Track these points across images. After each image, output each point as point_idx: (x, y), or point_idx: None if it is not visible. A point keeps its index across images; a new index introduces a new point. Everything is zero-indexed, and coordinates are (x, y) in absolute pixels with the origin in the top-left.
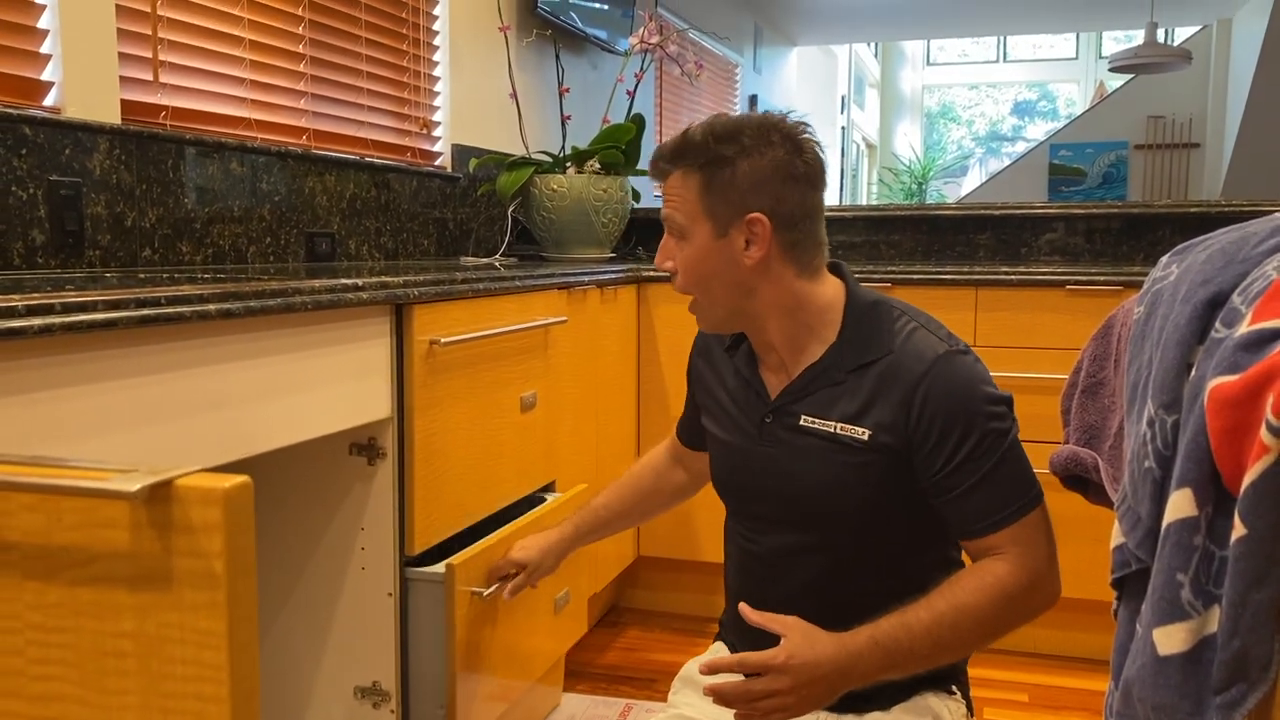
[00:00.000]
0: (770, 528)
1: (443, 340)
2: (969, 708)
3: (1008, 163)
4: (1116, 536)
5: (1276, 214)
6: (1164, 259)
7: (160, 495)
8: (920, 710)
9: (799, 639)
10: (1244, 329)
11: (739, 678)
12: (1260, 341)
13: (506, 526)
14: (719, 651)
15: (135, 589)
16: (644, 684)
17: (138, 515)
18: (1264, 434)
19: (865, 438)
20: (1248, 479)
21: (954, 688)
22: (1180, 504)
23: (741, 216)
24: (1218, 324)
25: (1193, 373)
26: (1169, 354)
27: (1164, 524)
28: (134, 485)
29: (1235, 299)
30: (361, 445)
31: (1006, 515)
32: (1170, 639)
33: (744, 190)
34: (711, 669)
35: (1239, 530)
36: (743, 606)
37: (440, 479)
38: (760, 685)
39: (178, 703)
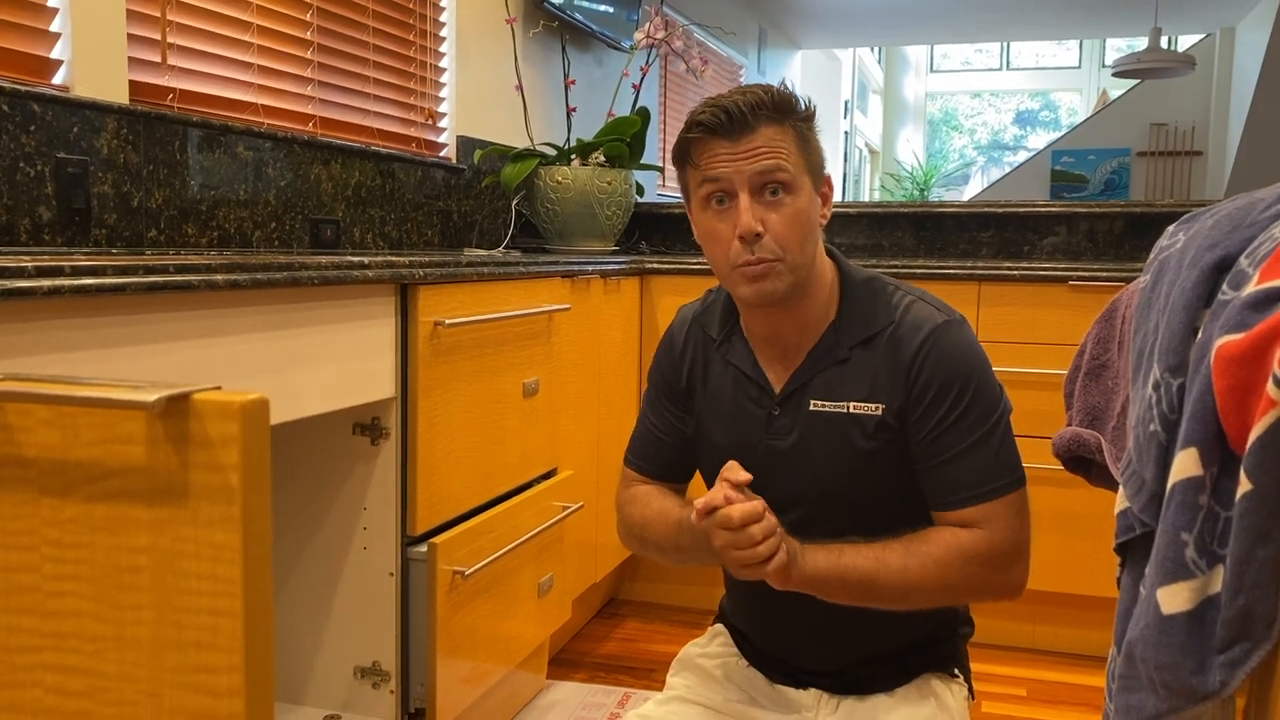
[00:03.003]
0: (782, 520)
1: (447, 322)
2: (970, 691)
3: (1009, 170)
4: (1120, 502)
5: None
6: (1171, 228)
7: (177, 409)
8: (923, 692)
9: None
10: (1251, 289)
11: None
12: (1267, 300)
13: (500, 505)
14: (720, 635)
15: (151, 504)
16: (643, 674)
17: (154, 429)
18: (1270, 388)
19: (879, 413)
20: (1254, 434)
21: (956, 670)
22: (1185, 463)
23: (822, 173)
24: (1225, 287)
25: (1199, 335)
26: (1175, 317)
27: (1169, 484)
28: (152, 396)
29: (1242, 262)
30: (365, 425)
31: (985, 491)
32: (1174, 598)
33: (821, 150)
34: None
35: (1244, 486)
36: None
37: (443, 461)
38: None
39: (192, 617)
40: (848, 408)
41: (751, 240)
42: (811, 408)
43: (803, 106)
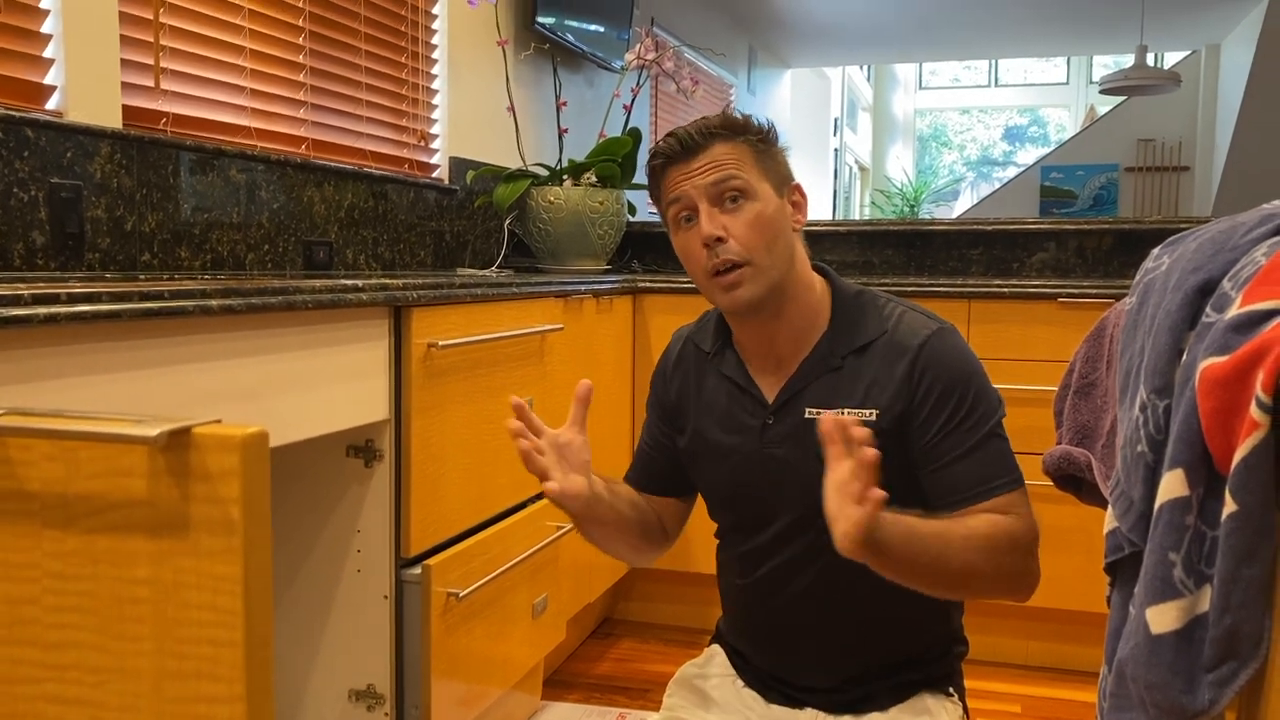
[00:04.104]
0: (781, 532)
1: (441, 343)
2: (965, 710)
3: (999, 186)
4: (1109, 521)
5: (1265, 205)
6: (1155, 250)
7: (179, 442)
8: (918, 711)
9: None
10: (1234, 311)
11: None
12: (1250, 323)
13: (494, 526)
14: (716, 655)
15: (152, 536)
16: (638, 694)
17: (156, 463)
18: (1254, 410)
19: (873, 418)
20: (1238, 455)
21: (951, 689)
22: (1172, 484)
23: (788, 182)
24: (1208, 309)
25: (1184, 357)
26: (1161, 340)
27: (1156, 505)
28: (153, 431)
29: (1225, 284)
30: (359, 447)
31: (999, 485)
32: (1163, 617)
33: (784, 163)
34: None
35: (1230, 507)
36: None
37: (437, 482)
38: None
39: (193, 648)
40: (841, 413)
41: (714, 244)
42: (806, 416)
43: (756, 125)
